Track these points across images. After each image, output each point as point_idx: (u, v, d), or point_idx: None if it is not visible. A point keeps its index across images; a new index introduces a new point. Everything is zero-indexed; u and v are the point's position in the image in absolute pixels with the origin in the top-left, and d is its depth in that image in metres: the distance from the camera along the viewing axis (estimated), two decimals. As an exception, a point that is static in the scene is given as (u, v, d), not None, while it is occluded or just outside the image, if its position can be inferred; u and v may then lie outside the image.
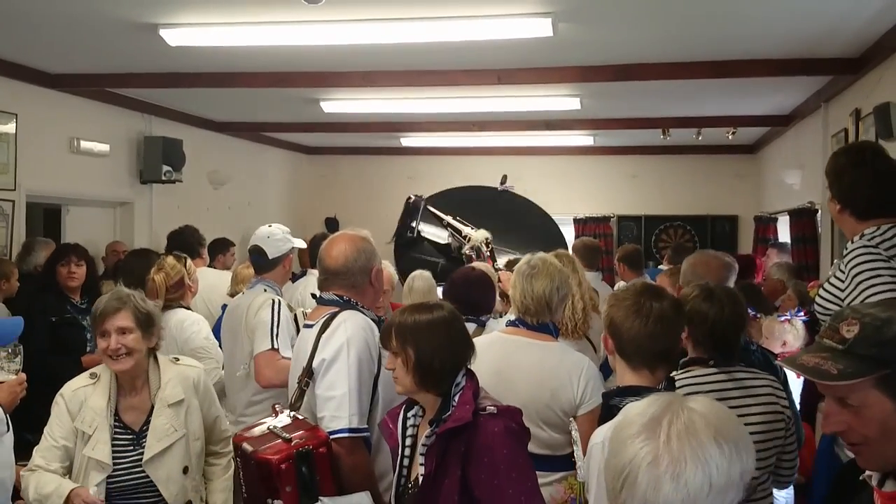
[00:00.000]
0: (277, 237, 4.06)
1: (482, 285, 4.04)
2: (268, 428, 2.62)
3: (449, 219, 8.07)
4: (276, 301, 3.76)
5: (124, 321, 2.93)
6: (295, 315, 3.86)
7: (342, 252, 2.89)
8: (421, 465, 2.35)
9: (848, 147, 4.13)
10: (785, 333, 4.14)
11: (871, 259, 2.81)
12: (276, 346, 3.65)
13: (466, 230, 7.99)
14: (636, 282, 2.67)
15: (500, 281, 4.85)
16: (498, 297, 4.42)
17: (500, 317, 4.37)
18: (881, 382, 1.48)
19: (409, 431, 2.47)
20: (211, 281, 5.49)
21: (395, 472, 2.47)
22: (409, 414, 2.51)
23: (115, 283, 5.55)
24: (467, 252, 7.81)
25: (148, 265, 4.82)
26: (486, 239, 7.93)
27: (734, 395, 2.75)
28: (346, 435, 2.60)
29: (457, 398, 2.37)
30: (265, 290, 3.93)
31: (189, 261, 4.49)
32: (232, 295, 5.02)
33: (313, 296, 3.07)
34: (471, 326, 3.37)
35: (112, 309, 2.94)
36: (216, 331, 4.44)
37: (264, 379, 3.63)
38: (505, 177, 9.14)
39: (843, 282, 2.91)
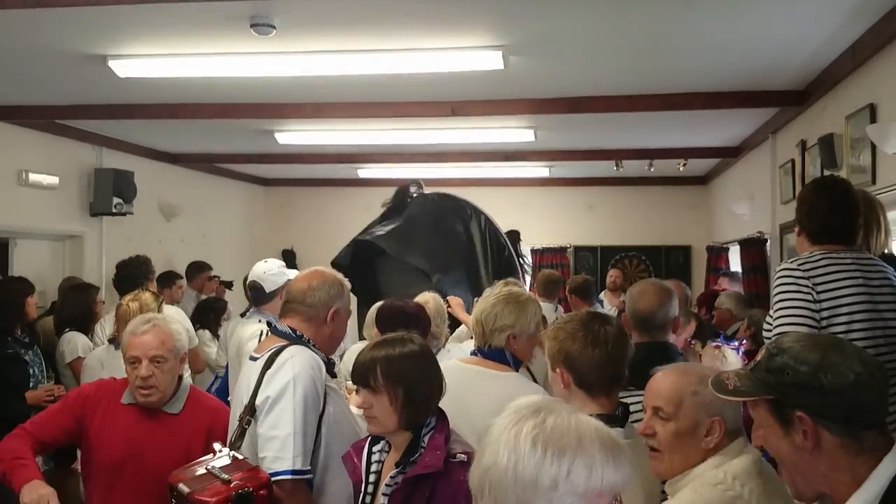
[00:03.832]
0: (273, 272, 4.33)
1: (417, 317, 3.99)
2: (206, 468, 2.52)
3: None
4: (266, 332, 3.74)
5: None
6: None
7: (306, 279, 2.89)
8: None
9: (818, 178, 4.33)
10: (714, 360, 4.19)
11: (786, 282, 2.96)
12: None
13: None
14: (578, 313, 2.65)
15: (448, 307, 4.84)
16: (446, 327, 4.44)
17: (445, 346, 4.38)
18: (770, 407, 1.58)
19: (374, 467, 2.40)
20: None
21: None
22: (375, 449, 2.44)
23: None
24: None
25: (87, 299, 4.76)
26: None
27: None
28: (288, 477, 2.52)
29: (426, 439, 2.32)
30: (259, 321, 4.11)
31: (163, 304, 4.53)
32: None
33: (269, 324, 3.07)
34: None
35: None
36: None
37: None
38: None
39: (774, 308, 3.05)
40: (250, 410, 2.66)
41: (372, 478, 2.38)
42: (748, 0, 3.95)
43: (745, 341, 5.00)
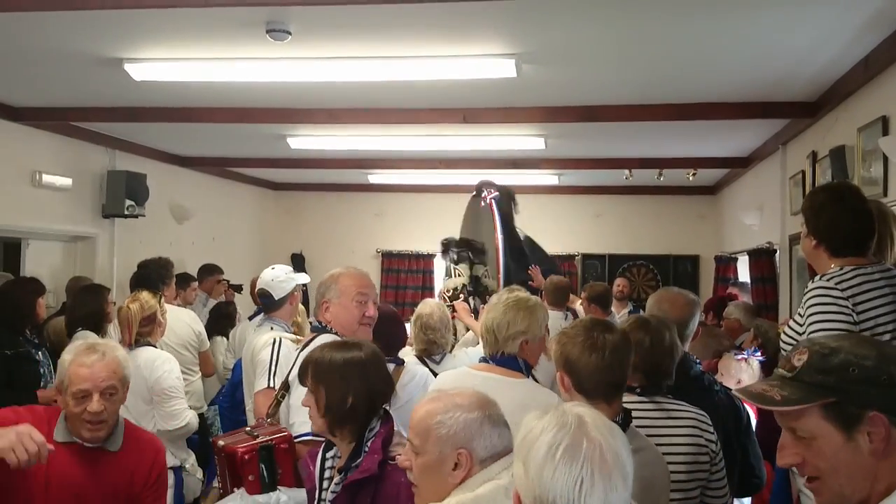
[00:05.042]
0: (281, 279, 4.37)
1: (388, 322, 3.94)
2: (244, 431, 2.90)
3: None
4: (278, 340, 3.79)
5: None
6: None
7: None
8: None
9: (826, 185, 4.23)
10: (741, 372, 4.19)
11: (825, 302, 2.85)
12: (271, 385, 3.65)
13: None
14: (584, 319, 2.67)
15: (454, 312, 4.84)
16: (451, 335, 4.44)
17: (451, 352, 4.38)
18: (828, 412, 1.45)
19: (327, 474, 2.47)
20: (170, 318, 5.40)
21: None
22: (328, 455, 2.50)
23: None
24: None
25: (99, 301, 4.79)
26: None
27: (660, 423, 2.71)
28: (310, 437, 2.75)
29: (369, 444, 2.36)
30: (271, 329, 4.15)
31: (163, 299, 4.52)
32: None
33: (311, 324, 3.51)
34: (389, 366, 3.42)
35: None
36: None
37: (260, 414, 3.67)
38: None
39: (801, 324, 2.95)
40: (285, 386, 3.04)
41: (326, 484, 2.45)
42: (761, 11, 3.97)
43: (758, 351, 4.99)
